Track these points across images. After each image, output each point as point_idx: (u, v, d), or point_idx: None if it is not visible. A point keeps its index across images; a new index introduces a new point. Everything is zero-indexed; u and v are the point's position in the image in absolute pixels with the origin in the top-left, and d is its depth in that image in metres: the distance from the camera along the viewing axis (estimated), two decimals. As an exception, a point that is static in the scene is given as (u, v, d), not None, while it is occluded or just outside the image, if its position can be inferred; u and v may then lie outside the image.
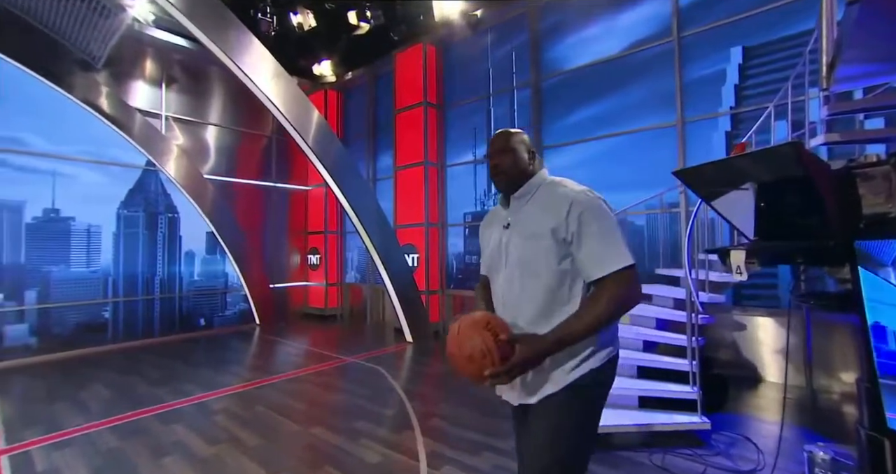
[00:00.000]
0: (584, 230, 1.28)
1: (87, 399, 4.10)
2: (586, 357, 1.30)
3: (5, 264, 5.70)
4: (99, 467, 2.78)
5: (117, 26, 5.72)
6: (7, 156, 5.73)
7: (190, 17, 5.12)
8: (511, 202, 1.45)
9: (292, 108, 6.08)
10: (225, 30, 5.58)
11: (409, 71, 7.50)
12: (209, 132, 7.94)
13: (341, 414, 3.60)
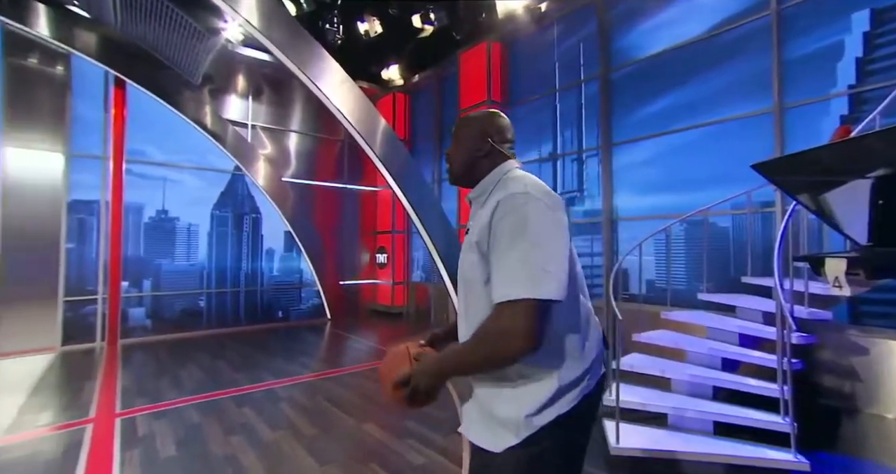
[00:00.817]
0: (496, 241, 0.98)
1: (184, 377, 4.66)
2: (504, 423, 1.01)
3: (130, 257, 6.70)
4: (182, 438, 3.13)
5: (211, 47, 6.41)
6: (133, 165, 6.72)
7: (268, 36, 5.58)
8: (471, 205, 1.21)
9: (360, 118, 6.36)
10: (298, 45, 6.00)
11: (473, 70, 7.47)
12: (290, 138, 8.61)
13: (394, 412, 3.69)
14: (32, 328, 5.87)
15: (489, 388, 1.06)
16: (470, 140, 1.19)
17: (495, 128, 1.19)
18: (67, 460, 2.81)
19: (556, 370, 1.01)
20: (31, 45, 6.01)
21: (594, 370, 1.08)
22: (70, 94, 6.27)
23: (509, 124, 1.24)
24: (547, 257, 0.93)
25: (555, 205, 1.02)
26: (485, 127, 1.19)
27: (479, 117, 1.22)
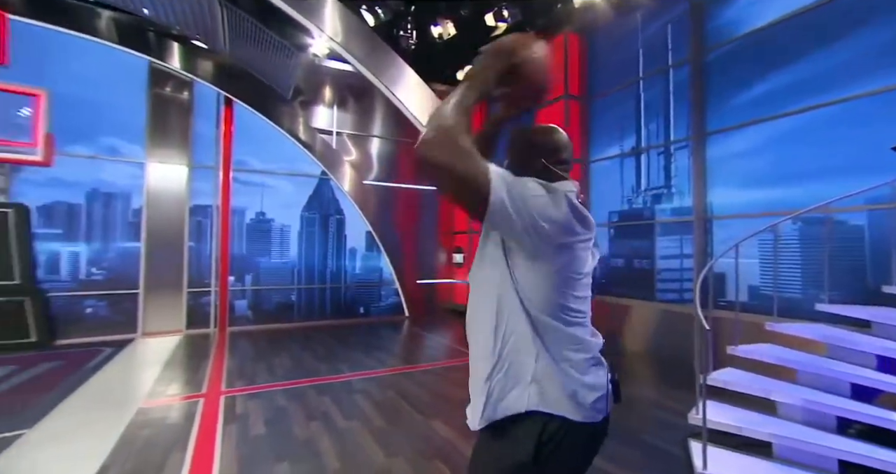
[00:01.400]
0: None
1: (276, 364, 5.17)
2: (486, 400, 1.07)
3: (235, 254, 7.61)
4: (269, 419, 3.47)
5: (299, 63, 7.03)
6: (238, 174, 7.62)
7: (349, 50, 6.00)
8: None
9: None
10: (376, 56, 6.40)
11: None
12: (371, 143, 9.09)
13: (462, 411, 3.70)
14: (167, 313, 6.94)
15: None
16: (524, 157, 1.14)
17: (550, 147, 1.13)
18: (184, 428, 3.27)
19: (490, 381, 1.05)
20: (167, 77, 7.10)
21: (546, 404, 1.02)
22: (192, 114, 7.29)
23: (567, 142, 1.16)
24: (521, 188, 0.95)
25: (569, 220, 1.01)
26: (538, 144, 1.13)
27: (533, 133, 1.16)
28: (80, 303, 6.54)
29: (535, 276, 1.00)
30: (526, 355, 1.01)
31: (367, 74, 6.40)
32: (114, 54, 6.57)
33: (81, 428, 3.27)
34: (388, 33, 6.87)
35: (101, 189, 6.76)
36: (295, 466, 2.72)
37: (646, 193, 6.15)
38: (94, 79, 6.59)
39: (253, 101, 7.50)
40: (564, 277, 1.01)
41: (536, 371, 1.00)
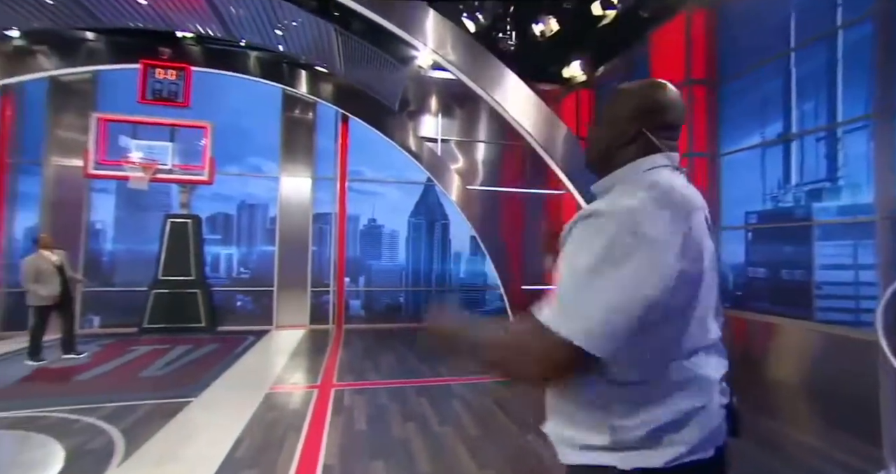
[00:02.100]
0: (563, 257, 0.81)
1: (382, 362, 5.48)
2: (589, 445, 0.81)
3: (350, 258, 8.34)
4: (371, 415, 3.66)
5: (405, 76, 7.41)
6: (353, 183, 8.36)
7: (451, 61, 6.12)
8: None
9: (537, 124, 6.44)
10: (477, 64, 6.41)
11: (667, 49, 6.47)
12: (476, 148, 9.17)
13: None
14: (294, 309, 7.90)
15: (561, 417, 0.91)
16: (615, 120, 0.92)
17: (650, 108, 0.89)
18: (300, 415, 3.63)
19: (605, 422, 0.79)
20: (296, 101, 8.13)
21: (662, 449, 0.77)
22: (315, 132, 8.22)
23: (675, 101, 0.91)
24: (602, 283, 0.72)
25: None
26: (638, 104, 0.90)
27: (634, 90, 0.93)
28: (232, 296, 7.82)
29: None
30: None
31: (468, 82, 6.44)
32: (257, 87, 7.75)
33: (227, 404, 3.85)
34: (487, 37, 6.85)
35: (247, 201, 8.05)
36: (389, 465, 2.80)
37: (798, 189, 5.10)
38: (242, 109, 7.87)
39: (365, 115, 8.15)
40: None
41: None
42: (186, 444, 3.07)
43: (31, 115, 7.34)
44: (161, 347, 5.94)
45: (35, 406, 3.70)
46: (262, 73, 7.82)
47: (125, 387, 4.27)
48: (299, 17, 6.40)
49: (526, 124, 6.50)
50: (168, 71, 6.92)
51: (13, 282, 7.12)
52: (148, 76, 6.88)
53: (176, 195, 7.52)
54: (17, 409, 3.62)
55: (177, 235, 7.10)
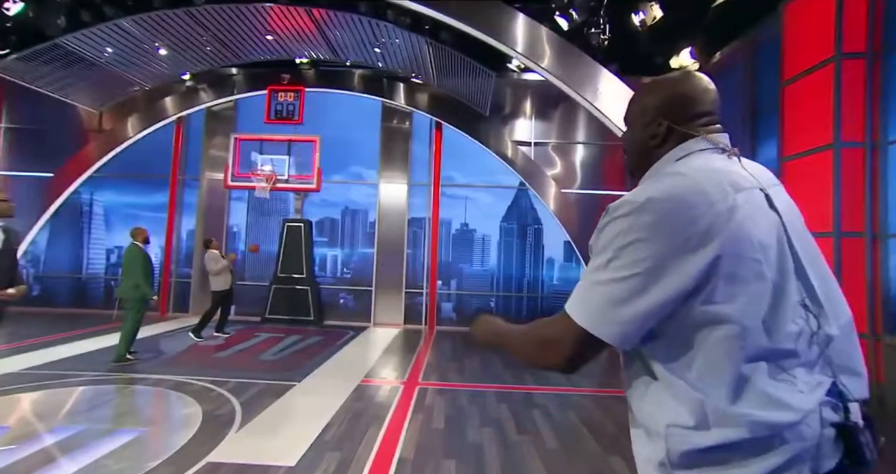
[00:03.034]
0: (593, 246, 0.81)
1: (467, 365, 5.51)
2: (657, 435, 0.75)
3: (443, 261, 8.56)
4: (451, 415, 3.70)
5: (493, 81, 7.42)
6: (446, 188, 8.61)
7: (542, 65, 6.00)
8: None
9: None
10: (568, 63, 6.18)
11: (808, 20, 5.47)
12: (573, 150, 8.78)
13: (653, 454, 3.10)
14: (390, 309, 8.37)
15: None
16: (642, 121, 0.87)
17: (676, 101, 0.84)
18: (384, 408, 3.83)
19: (666, 427, 0.73)
20: (393, 112, 8.68)
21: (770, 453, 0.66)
22: (411, 140, 8.65)
23: (703, 88, 0.85)
24: (612, 275, 0.73)
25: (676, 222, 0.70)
26: (662, 99, 0.85)
27: (656, 85, 0.89)
28: (336, 294, 8.58)
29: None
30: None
31: (559, 84, 6.24)
32: (359, 101, 8.46)
33: (324, 390, 4.23)
34: (581, 34, 6.54)
35: (350, 206, 8.77)
36: (460, 466, 2.80)
37: None
38: (347, 122, 8.62)
39: (458, 121, 8.36)
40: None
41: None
42: (287, 422, 3.44)
43: (193, 139, 9.00)
44: (277, 335, 6.77)
45: (187, 374, 4.52)
46: (365, 88, 8.52)
47: (248, 367, 4.95)
48: (395, 34, 6.84)
49: (620, 121, 6.07)
50: (287, 93, 7.95)
51: (182, 273, 8.78)
52: (272, 99, 7.98)
53: (291, 202, 8.55)
54: (177, 375, 4.48)
55: (292, 237, 8.05)
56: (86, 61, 7.44)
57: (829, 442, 0.67)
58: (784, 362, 0.69)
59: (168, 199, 8.74)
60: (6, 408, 3.49)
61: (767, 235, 0.72)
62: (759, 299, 0.69)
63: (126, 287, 4.97)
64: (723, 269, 0.67)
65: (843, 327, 0.75)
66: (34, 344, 5.75)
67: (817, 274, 0.76)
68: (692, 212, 0.69)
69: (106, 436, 3.04)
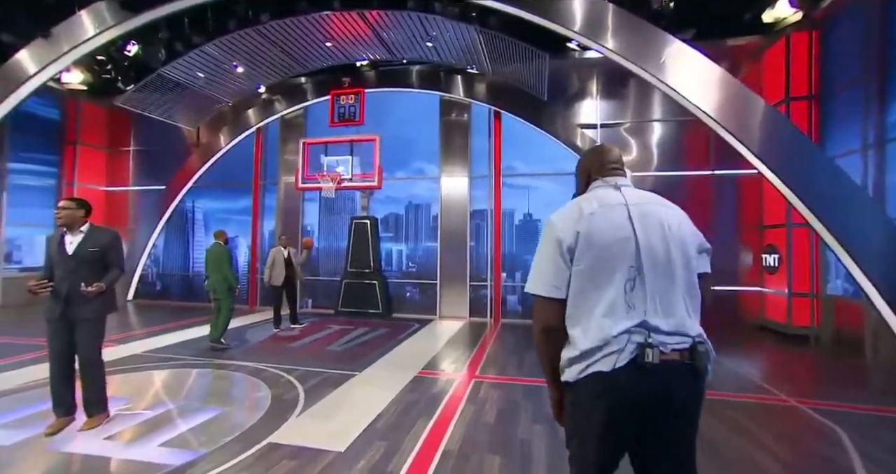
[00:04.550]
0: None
1: (526, 359, 5.34)
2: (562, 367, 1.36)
3: (506, 253, 8.38)
4: (501, 410, 3.60)
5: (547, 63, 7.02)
6: (507, 178, 8.40)
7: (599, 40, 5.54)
8: None
9: (714, 94, 5.33)
10: (631, 36, 5.63)
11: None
12: (645, 129, 8.05)
13: (713, 459, 2.73)
14: (455, 302, 8.41)
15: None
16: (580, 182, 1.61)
17: (588, 164, 1.57)
18: (436, 400, 3.85)
19: (568, 344, 1.34)
20: (451, 105, 8.65)
21: (598, 352, 1.26)
22: (470, 132, 8.56)
23: (608, 152, 1.56)
24: (541, 259, 1.37)
25: (551, 224, 1.39)
26: (583, 166, 1.59)
27: (581, 160, 1.61)
28: (403, 287, 8.82)
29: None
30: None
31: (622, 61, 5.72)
32: (418, 98, 8.55)
33: (381, 381, 4.37)
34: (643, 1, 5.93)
35: (413, 201, 8.92)
36: (504, 463, 2.70)
37: None
38: (406, 120, 8.77)
39: (517, 109, 8.09)
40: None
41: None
42: (342, 410, 3.60)
43: (270, 147, 9.82)
44: (346, 327, 7.15)
45: (264, 361, 4.96)
46: (422, 83, 8.59)
47: (315, 357, 5.29)
48: (445, 26, 6.78)
49: (700, 101, 5.41)
50: (348, 96, 8.30)
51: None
52: (335, 103, 8.40)
53: (358, 200, 8.93)
54: (255, 362, 4.95)
55: (359, 234, 8.43)
56: (181, 86, 8.48)
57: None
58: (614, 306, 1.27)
59: (251, 203, 9.67)
60: (126, 384, 4.12)
61: (614, 227, 1.31)
62: (598, 262, 1.29)
63: (214, 280, 5.65)
64: (581, 243, 1.30)
65: (661, 288, 1.27)
66: (153, 331, 6.71)
67: (652, 255, 1.28)
68: (567, 224, 1.35)
69: (194, 412, 3.45)
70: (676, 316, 1.25)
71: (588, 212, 1.31)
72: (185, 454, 2.76)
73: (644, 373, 1.20)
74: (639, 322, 1.23)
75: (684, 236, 1.33)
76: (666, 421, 1.24)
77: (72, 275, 3.06)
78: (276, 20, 6.92)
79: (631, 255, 1.26)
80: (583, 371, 1.26)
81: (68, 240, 3.15)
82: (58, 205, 3.18)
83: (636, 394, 1.21)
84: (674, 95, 5.60)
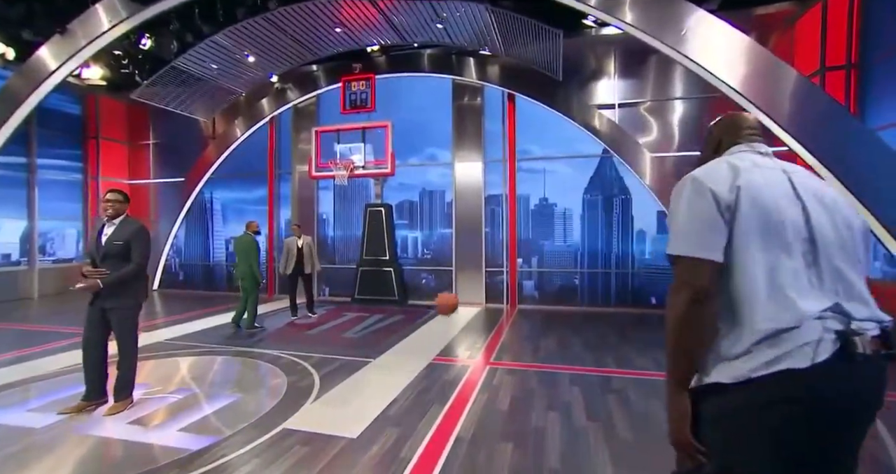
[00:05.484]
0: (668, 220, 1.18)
1: (542, 345, 5.28)
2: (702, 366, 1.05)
3: (522, 238, 8.27)
4: (517, 397, 3.57)
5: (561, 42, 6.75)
6: (522, 163, 8.23)
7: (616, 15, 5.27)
8: None
9: (751, 77, 5.04)
10: (653, 8, 5.33)
11: None
12: (666, 108, 7.72)
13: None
14: (471, 287, 8.38)
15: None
16: (706, 147, 1.40)
17: (722, 126, 1.36)
18: (450, 387, 3.84)
19: (721, 334, 1.03)
20: (464, 88, 8.47)
21: (786, 341, 0.94)
22: (483, 116, 8.38)
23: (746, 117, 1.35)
24: (687, 217, 1.08)
25: (698, 180, 1.11)
26: (715, 129, 1.38)
27: (712, 125, 1.40)
28: (418, 274, 8.83)
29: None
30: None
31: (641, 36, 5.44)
32: (429, 82, 8.39)
33: (395, 368, 4.39)
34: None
35: (427, 188, 8.85)
36: (516, 451, 2.67)
37: None
38: (419, 105, 8.64)
39: (531, 90, 7.86)
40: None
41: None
42: (356, 396, 3.63)
43: (284, 136, 9.85)
44: (362, 315, 7.21)
45: (281, 349, 5.04)
46: (434, 67, 8.42)
47: (331, 344, 5.35)
48: (455, 7, 6.58)
49: (726, 75, 5.12)
50: (359, 82, 8.21)
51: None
52: (346, 90, 8.32)
53: (372, 187, 8.91)
54: (273, 349, 5.04)
55: (374, 221, 8.43)
56: (195, 77, 8.53)
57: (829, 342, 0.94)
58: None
59: (267, 192, 9.77)
60: (150, 370, 4.25)
61: (778, 188, 1.08)
62: (769, 224, 1.04)
63: (242, 269, 5.90)
64: (743, 200, 1.06)
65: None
66: (177, 319, 6.92)
67: (823, 227, 1.04)
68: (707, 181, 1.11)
69: (212, 398, 3.53)
70: (864, 300, 1.01)
71: (744, 168, 1.09)
72: (203, 439, 2.82)
73: (855, 370, 0.94)
74: (832, 304, 0.96)
75: (848, 214, 1.09)
76: (861, 429, 0.97)
77: (102, 264, 3.20)
78: (284, 7, 6.84)
79: (801, 224, 1.02)
80: (758, 368, 0.94)
81: (105, 231, 3.26)
82: (105, 197, 3.32)
83: (848, 399, 0.94)
84: (696, 69, 5.32)
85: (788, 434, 0.92)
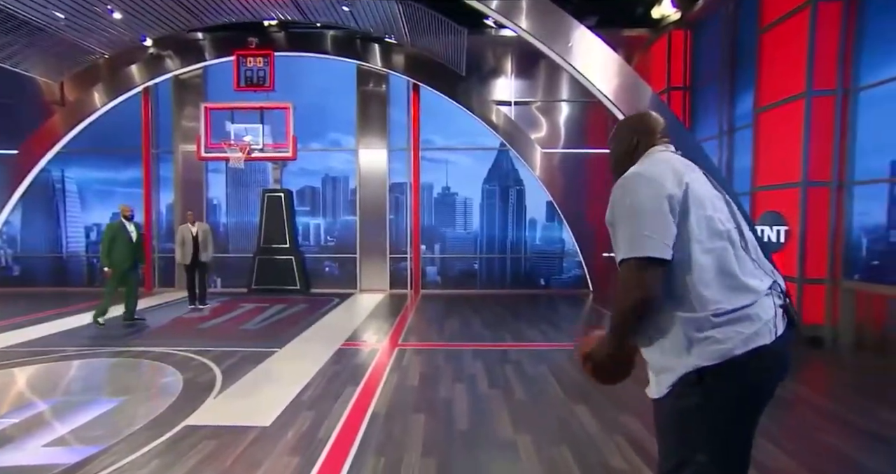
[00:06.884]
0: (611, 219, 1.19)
1: (447, 326, 5.66)
2: (664, 368, 1.12)
3: (425, 226, 8.57)
4: (426, 373, 3.84)
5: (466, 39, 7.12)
6: (425, 152, 8.47)
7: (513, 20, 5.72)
8: None
9: (617, 88, 5.85)
10: (544, 19, 5.88)
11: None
12: (555, 109, 8.58)
13: (616, 402, 3.25)
14: (376, 275, 8.47)
15: (645, 346, 1.18)
16: (620, 145, 1.39)
17: (636, 125, 1.39)
18: (361, 370, 3.96)
19: (681, 323, 1.08)
20: (369, 75, 8.37)
21: (752, 319, 1.05)
22: (388, 104, 8.41)
23: (657, 119, 1.40)
24: (638, 221, 1.09)
25: (648, 178, 1.15)
26: (629, 128, 1.40)
27: (623, 122, 1.45)
28: (321, 263, 8.63)
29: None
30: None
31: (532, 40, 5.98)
32: (334, 66, 8.13)
33: (304, 356, 4.35)
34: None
35: (330, 174, 8.65)
36: (428, 419, 2.93)
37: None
38: (322, 88, 8.33)
39: (435, 82, 8.10)
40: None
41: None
42: (265, 386, 3.56)
43: (163, 110, 8.68)
44: (262, 305, 6.87)
45: (169, 345, 4.61)
46: (338, 50, 8.16)
47: (230, 336, 5.06)
48: (362, -11, 6.47)
49: (601, 85, 5.90)
50: (256, 58, 7.61)
51: (164, 248, 8.74)
52: (240, 65, 7.65)
53: (270, 172, 8.40)
54: (159, 346, 4.59)
55: (272, 208, 7.99)
56: (31, 26, 6.98)
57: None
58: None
59: (142, 174, 8.56)
60: (-11, 385, 3.56)
61: (707, 184, 1.18)
62: (711, 217, 1.12)
63: (119, 258, 5.34)
64: (690, 195, 1.12)
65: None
66: (19, 322, 5.80)
67: (737, 216, 1.17)
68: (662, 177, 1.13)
69: (85, 406, 3.13)
70: (778, 272, 1.17)
71: (681, 166, 1.17)
72: (80, 450, 2.50)
73: (791, 341, 1.09)
74: (771, 282, 1.10)
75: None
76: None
77: None
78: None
79: (728, 215, 1.14)
80: (737, 346, 1.01)
81: None
82: None
83: (789, 359, 1.10)
84: (578, 77, 6.04)
85: (756, 397, 1.08)
